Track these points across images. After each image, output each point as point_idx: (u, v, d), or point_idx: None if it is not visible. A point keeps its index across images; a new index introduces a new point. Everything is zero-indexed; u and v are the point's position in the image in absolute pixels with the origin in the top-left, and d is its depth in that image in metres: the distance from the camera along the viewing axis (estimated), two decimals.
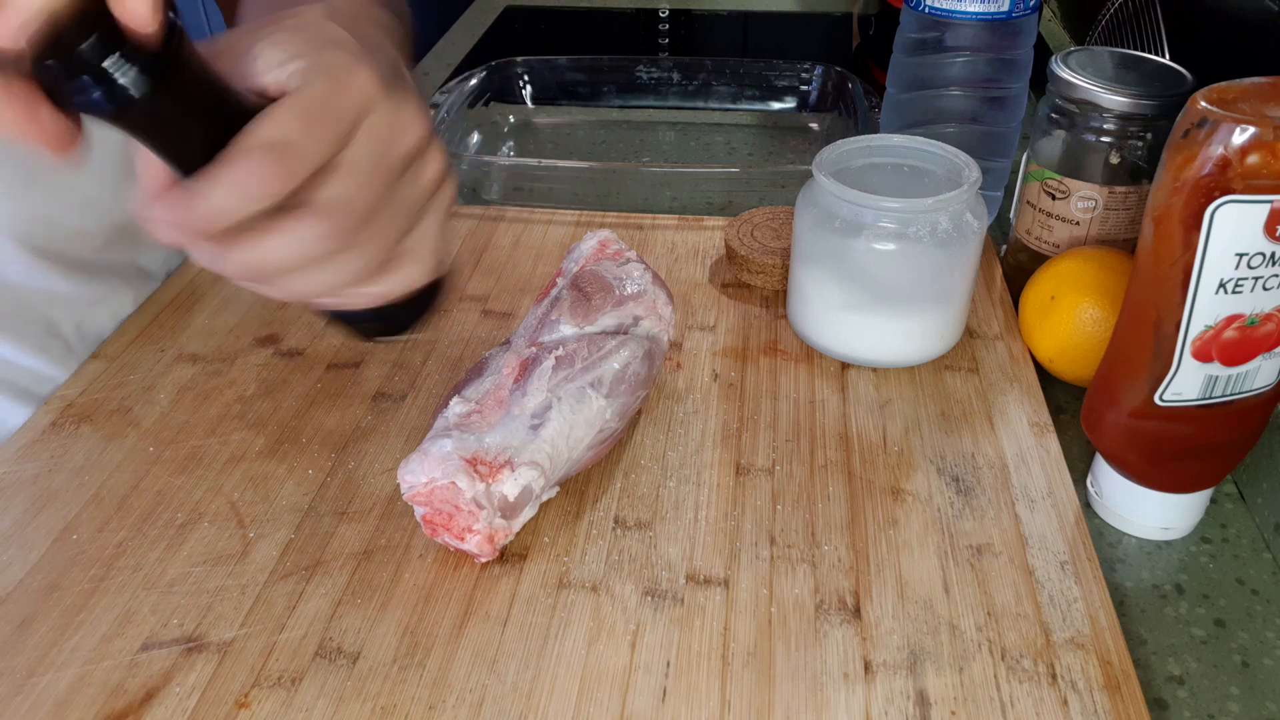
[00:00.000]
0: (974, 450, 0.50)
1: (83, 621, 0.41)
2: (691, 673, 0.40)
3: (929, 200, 0.51)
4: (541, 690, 0.39)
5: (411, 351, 0.57)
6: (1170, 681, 0.42)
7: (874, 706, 0.38)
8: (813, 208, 0.54)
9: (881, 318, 0.54)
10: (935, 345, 0.56)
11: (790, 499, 0.47)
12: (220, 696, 0.39)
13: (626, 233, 0.69)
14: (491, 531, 0.42)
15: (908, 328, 0.54)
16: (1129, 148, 0.56)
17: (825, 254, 0.54)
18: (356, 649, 0.40)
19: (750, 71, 0.94)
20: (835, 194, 0.53)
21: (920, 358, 0.56)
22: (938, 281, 0.54)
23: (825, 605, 0.42)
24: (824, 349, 0.57)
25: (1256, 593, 0.46)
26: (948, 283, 0.54)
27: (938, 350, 0.56)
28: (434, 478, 0.41)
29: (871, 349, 0.55)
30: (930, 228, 0.52)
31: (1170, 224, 0.39)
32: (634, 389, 0.47)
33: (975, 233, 0.53)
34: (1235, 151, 0.37)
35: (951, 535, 0.46)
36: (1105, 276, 0.53)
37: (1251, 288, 0.39)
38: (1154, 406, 0.44)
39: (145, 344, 0.58)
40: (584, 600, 0.43)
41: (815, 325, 0.56)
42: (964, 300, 0.56)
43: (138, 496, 0.48)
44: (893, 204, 0.52)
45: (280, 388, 0.55)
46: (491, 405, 0.45)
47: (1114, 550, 0.48)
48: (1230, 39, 0.63)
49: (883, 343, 0.55)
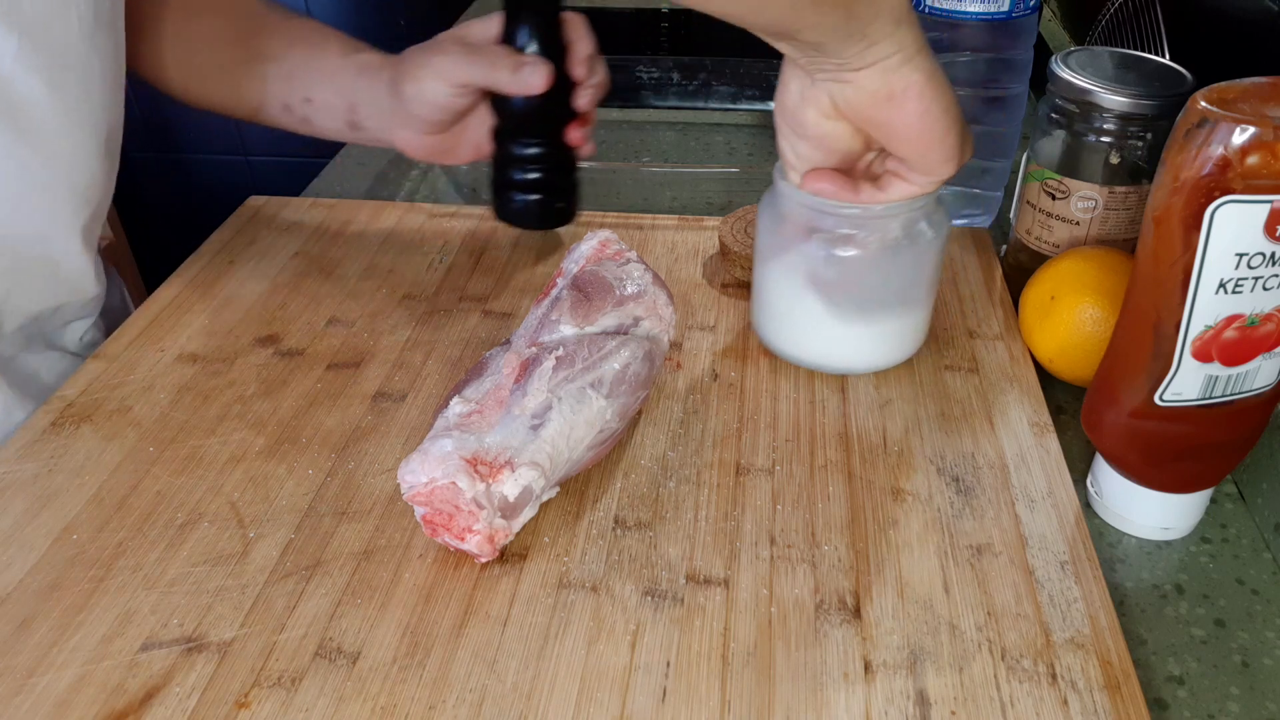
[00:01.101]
0: (974, 450, 0.50)
1: (83, 621, 0.41)
2: (691, 673, 0.40)
3: (880, 207, 0.50)
4: (541, 690, 0.39)
5: (411, 351, 0.57)
6: (1170, 681, 0.42)
7: (874, 706, 0.38)
8: (772, 209, 0.54)
9: (835, 322, 0.54)
10: (891, 353, 0.55)
11: (790, 499, 0.47)
12: (220, 696, 0.39)
13: (626, 233, 0.69)
14: (491, 531, 0.42)
15: (863, 333, 0.54)
16: (1129, 148, 0.56)
17: (782, 256, 0.54)
18: (356, 649, 0.40)
19: (750, 71, 0.94)
20: (793, 199, 0.52)
21: (875, 365, 0.55)
22: (888, 288, 0.53)
23: (825, 605, 0.42)
24: (784, 354, 0.56)
25: (1256, 593, 0.46)
26: (901, 290, 0.53)
27: (893, 359, 0.55)
28: (434, 478, 0.41)
29: (827, 355, 0.55)
30: (880, 234, 0.51)
31: (1170, 224, 0.39)
32: (634, 389, 0.47)
33: (930, 241, 0.53)
34: (1235, 151, 0.37)
35: (951, 535, 0.46)
36: (1105, 276, 0.53)
37: (1251, 288, 0.39)
38: (1154, 406, 0.44)
39: (145, 344, 0.58)
40: (584, 600, 0.43)
41: (772, 328, 0.56)
42: (922, 308, 0.55)
43: (138, 496, 0.48)
44: (848, 210, 0.51)
45: (280, 388, 0.55)
46: (492, 405, 0.45)
47: (1114, 550, 0.48)
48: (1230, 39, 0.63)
49: (840, 348, 0.55)
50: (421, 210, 0.72)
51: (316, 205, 0.72)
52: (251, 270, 0.65)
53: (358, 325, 0.60)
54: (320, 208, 0.72)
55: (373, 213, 0.71)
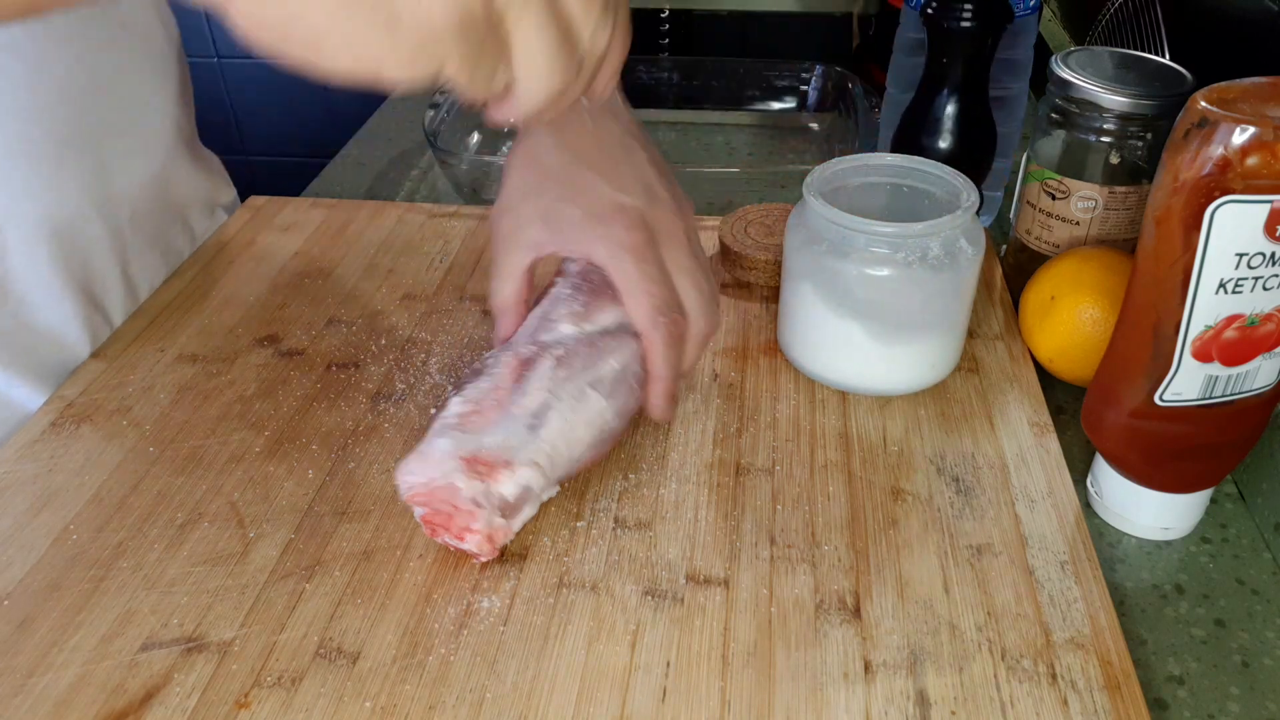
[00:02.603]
0: (974, 450, 0.50)
1: (83, 621, 0.41)
2: (691, 673, 0.40)
3: (919, 225, 0.49)
4: (541, 690, 0.39)
5: (411, 351, 0.57)
6: (1170, 681, 0.42)
7: (874, 706, 0.38)
8: (802, 228, 0.53)
9: (871, 344, 0.52)
10: (926, 375, 0.53)
11: (790, 499, 0.47)
12: (220, 696, 0.39)
13: None
14: (491, 531, 0.42)
15: (896, 354, 0.52)
16: (1129, 148, 0.56)
17: (814, 276, 0.52)
18: (356, 649, 0.40)
19: (750, 72, 0.94)
20: (824, 216, 0.51)
21: (909, 387, 0.54)
22: (929, 309, 0.52)
23: (825, 605, 0.42)
24: (811, 373, 0.55)
25: (1256, 593, 0.46)
26: (940, 310, 0.52)
27: (928, 380, 0.54)
28: (433, 478, 0.41)
29: (860, 376, 0.53)
30: (921, 253, 0.50)
31: (1170, 224, 0.39)
32: (634, 388, 0.47)
33: (970, 259, 0.51)
34: (1235, 151, 0.37)
35: (951, 535, 0.46)
36: (1105, 276, 0.53)
37: (1251, 288, 0.39)
38: (1154, 406, 0.44)
39: (145, 344, 0.58)
40: (584, 600, 0.43)
41: (802, 348, 0.55)
42: (958, 329, 0.54)
43: (138, 496, 0.48)
44: (883, 228, 0.50)
45: (280, 388, 0.55)
46: (490, 405, 0.45)
47: (1114, 550, 0.48)
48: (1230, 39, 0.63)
49: (872, 370, 0.53)
50: (421, 210, 0.72)
51: (316, 205, 0.72)
52: (251, 270, 0.65)
53: (358, 325, 0.60)
54: (320, 208, 0.72)
55: (373, 213, 0.71)
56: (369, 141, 0.88)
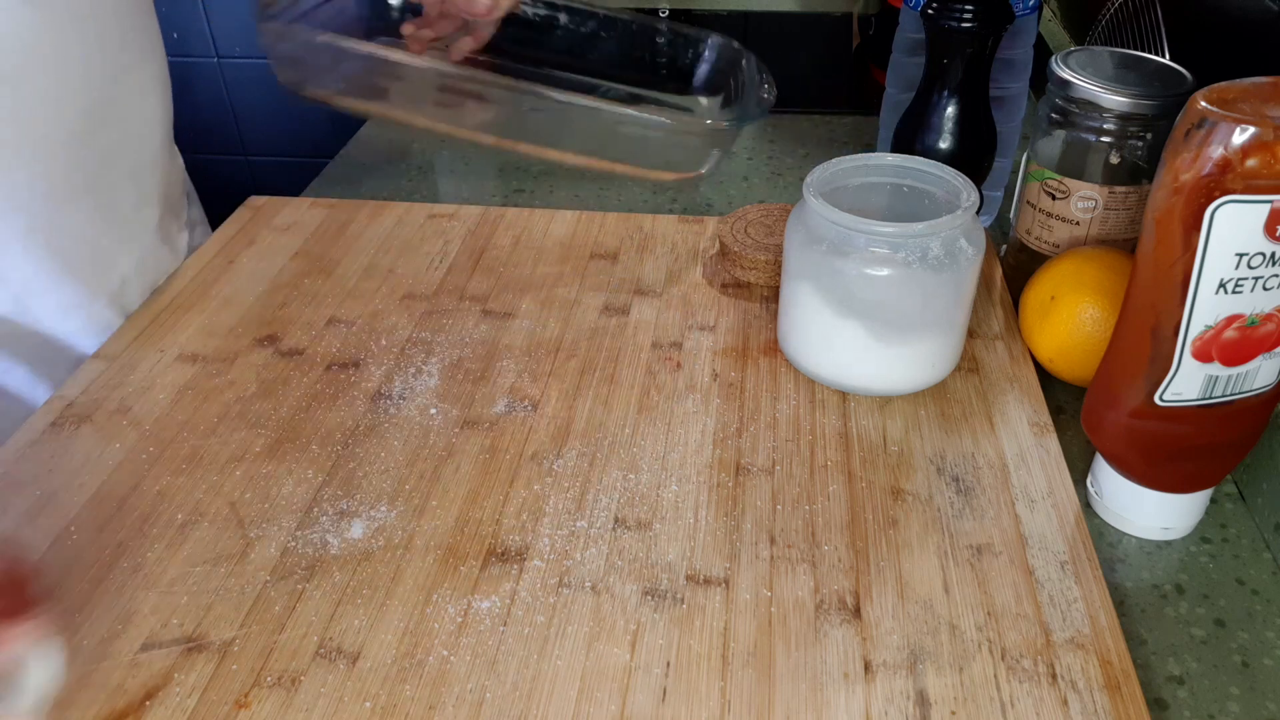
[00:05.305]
0: (974, 450, 0.50)
1: (83, 621, 0.41)
2: (691, 673, 0.40)
3: (919, 225, 0.49)
4: (541, 690, 0.39)
5: (411, 351, 0.57)
6: (1170, 681, 0.42)
7: (874, 706, 0.38)
8: (801, 228, 0.53)
9: (871, 344, 0.52)
10: (926, 375, 0.53)
11: (790, 499, 0.47)
12: (220, 696, 0.39)
13: (627, 233, 0.69)
14: None
15: (896, 354, 0.52)
16: (1129, 148, 0.56)
17: (814, 275, 0.52)
18: (356, 649, 0.40)
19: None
20: (824, 215, 0.51)
21: (909, 387, 0.54)
22: (929, 309, 0.51)
23: (825, 605, 0.42)
24: (811, 373, 0.55)
25: (1256, 593, 0.46)
26: (940, 310, 0.52)
27: (928, 380, 0.54)
28: None
29: (860, 376, 0.53)
30: (921, 253, 0.50)
31: (1170, 224, 0.39)
32: None
33: (970, 259, 0.51)
34: (1235, 152, 0.37)
35: (951, 535, 0.46)
36: (1105, 276, 0.53)
37: (1251, 288, 0.39)
38: (1154, 406, 0.44)
39: (145, 344, 0.58)
40: (584, 600, 0.43)
41: (802, 348, 0.55)
42: (958, 329, 0.54)
43: (138, 496, 0.47)
44: (883, 228, 0.49)
45: (280, 388, 0.55)
46: None
47: (1114, 550, 0.48)
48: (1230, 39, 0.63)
49: (872, 370, 0.53)
50: (421, 210, 0.72)
51: (316, 205, 0.72)
52: (251, 270, 0.65)
53: (358, 325, 0.60)
54: (320, 208, 0.72)
55: (373, 213, 0.71)
56: (369, 141, 0.88)
